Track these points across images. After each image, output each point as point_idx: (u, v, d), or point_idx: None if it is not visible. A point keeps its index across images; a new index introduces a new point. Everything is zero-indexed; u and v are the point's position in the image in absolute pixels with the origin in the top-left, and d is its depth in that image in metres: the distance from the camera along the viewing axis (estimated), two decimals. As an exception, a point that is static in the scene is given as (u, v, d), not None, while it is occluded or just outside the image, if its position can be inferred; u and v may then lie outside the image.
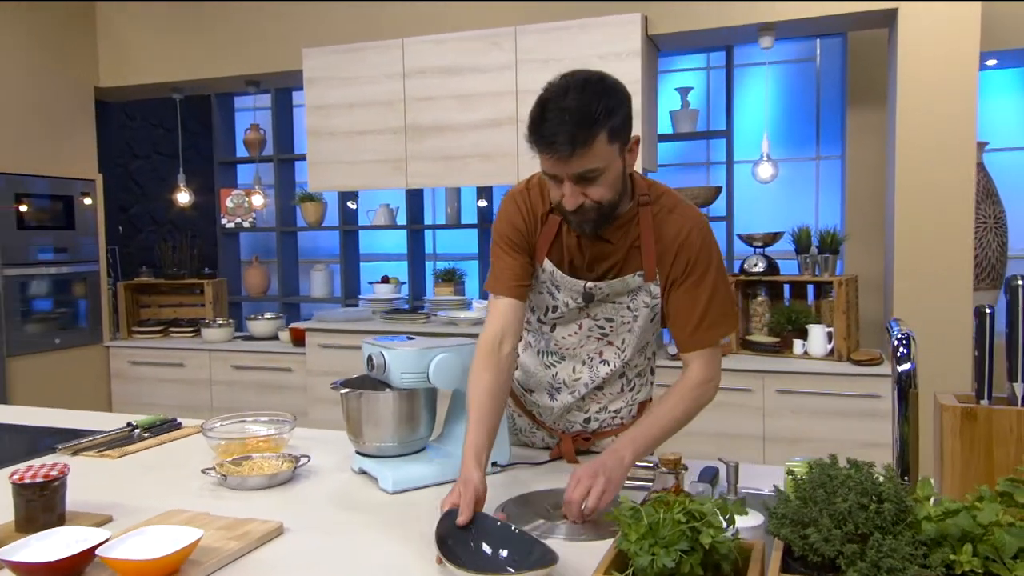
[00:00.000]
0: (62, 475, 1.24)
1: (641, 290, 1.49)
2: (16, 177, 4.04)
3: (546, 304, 1.54)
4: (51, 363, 4.22)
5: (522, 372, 1.67)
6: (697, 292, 1.46)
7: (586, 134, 1.27)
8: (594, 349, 1.57)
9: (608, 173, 1.33)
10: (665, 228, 1.47)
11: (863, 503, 0.75)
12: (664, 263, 1.47)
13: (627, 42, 3.40)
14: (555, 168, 1.33)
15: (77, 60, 4.41)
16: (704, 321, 1.46)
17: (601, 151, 1.29)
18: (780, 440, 3.26)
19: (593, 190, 1.34)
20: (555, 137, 1.27)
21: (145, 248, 5.41)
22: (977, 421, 0.88)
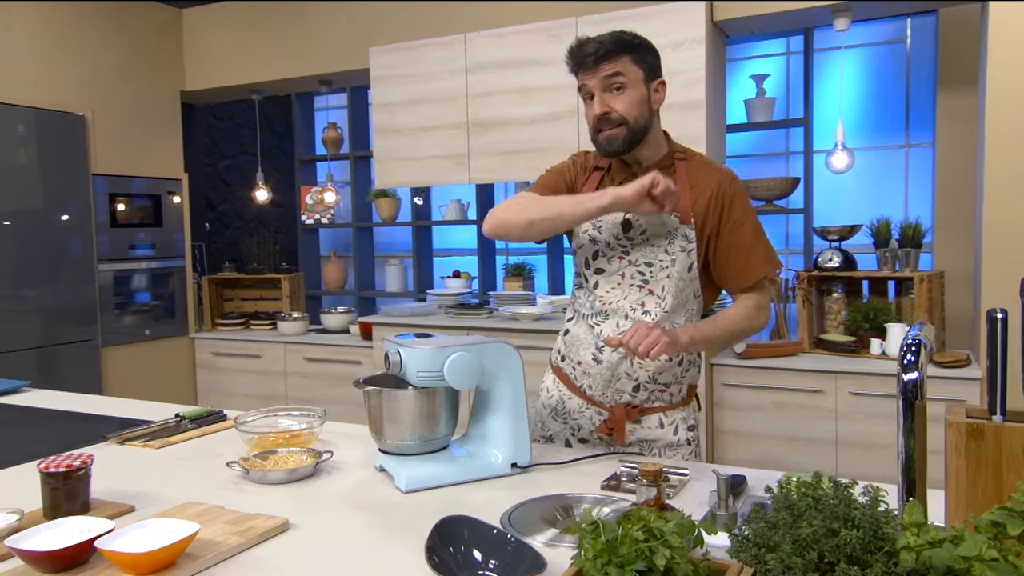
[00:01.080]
0: (85, 465, 1.29)
1: (678, 233, 1.59)
2: (111, 177, 4.29)
3: (589, 251, 1.67)
4: (141, 353, 4.47)
5: (572, 343, 1.72)
6: (741, 233, 1.60)
7: (613, 48, 1.54)
8: (636, 300, 1.63)
9: (632, 89, 1.55)
10: (700, 177, 1.62)
11: (833, 528, 0.68)
12: (700, 210, 1.60)
13: (691, 30, 3.29)
14: (587, 78, 1.57)
15: (165, 66, 4.65)
16: (752, 258, 1.60)
17: (626, 67, 1.55)
18: (854, 445, 3.08)
19: (618, 101, 1.55)
20: (587, 48, 1.55)
21: (231, 244, 5.66)
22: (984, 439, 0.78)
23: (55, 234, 4.00)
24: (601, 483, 1.42)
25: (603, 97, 1.56)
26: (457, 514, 1.14)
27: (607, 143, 1.59)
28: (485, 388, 1.53)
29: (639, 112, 1.57)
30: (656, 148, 1.64)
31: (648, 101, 1.59)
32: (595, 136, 1.61)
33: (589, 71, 1.56)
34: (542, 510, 1.29)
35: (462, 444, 1.59)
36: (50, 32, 4.00)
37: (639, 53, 1.57)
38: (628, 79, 1.55)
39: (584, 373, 1.69)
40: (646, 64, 1.58)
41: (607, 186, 1.60)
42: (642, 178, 1.47)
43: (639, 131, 1.58)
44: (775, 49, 4.55)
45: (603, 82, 1.55)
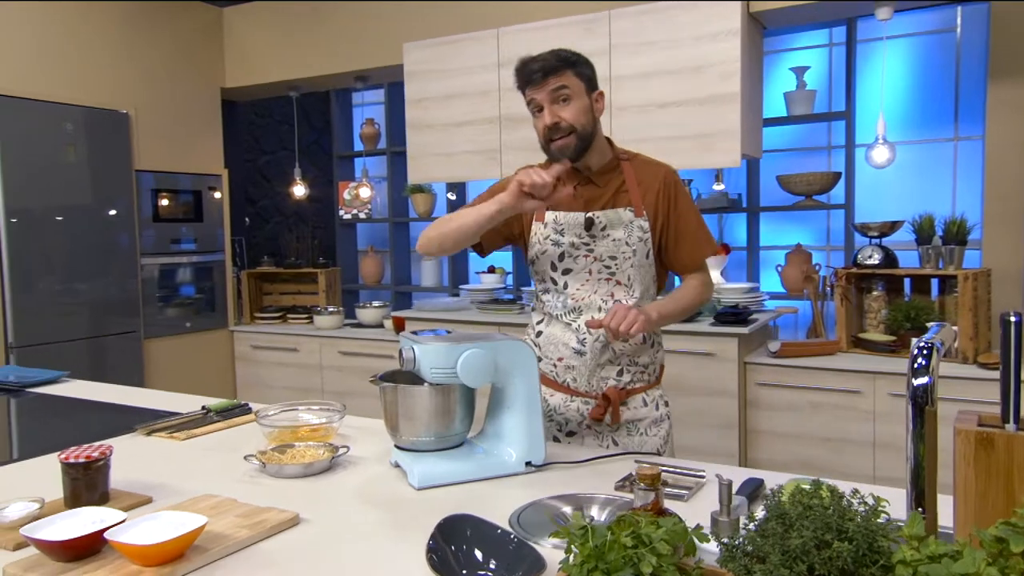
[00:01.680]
0: (104, 456, 1.32)
1: (633, 225, 1.75)
2: (155, 174, 4.40)
3: (553, 255, 1.79)
4: (182, 345, 4.57)
5: (548, 344, 1.83)
6: (687, 221, 1.80)
7: (557, 64, 1.69)
8: (606, 292, 1.78)
9: (576, 100, 1.70)
10: (645, 174, 1.80)
11: (825, 539, 0.65)
12: (650, 202, 1.77)
13: (726, 21, 3.22)
14: (535, 92, 1.71)
15: (206, 64, 4.74)
16: (698, 242, 1.81)
17: (569, 80, 1.69)
18: (893, 448, 3.00)
19: (566, 111, 1.69)
20: (533, 66, 1.69)
21: (271, 238, 5.75)
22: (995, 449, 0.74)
23: (102, 229, 4.11)
24: (615, 484, 1.41)
25: (552, 108, 1.70)
26: (460, 513, 1.13)
27: (560, 151, 1.72)
28: (500, 386, 1.52)
29: (585, 120, 1.72)
30: (602, 153, 1.79)
31: (591, 110, 1.74)
32: (547, 146, 1.75)
33: (537, 86, 1.70)
34: (552, 510, 1.27)
35: (478, 442, 1.58)
36: (97, 32, 4.11)
37: (579, 67, 1.72)
38: (572, 91, 1.70)
39: (567, 368, 1.80)
40: (586, 77, 1.74)
41: (559, 193, 1.66)
42: (513, 181, 1.60)
43: (587, 137, 1.73)
44: (817, 41, 4.44)
45: (550, 95, 1.69)
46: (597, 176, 1.78)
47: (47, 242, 3.87)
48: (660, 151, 3.45)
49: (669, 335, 3.33)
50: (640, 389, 1.82)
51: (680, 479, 1.41)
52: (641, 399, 1.82)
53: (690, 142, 3.36)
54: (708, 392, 3.27)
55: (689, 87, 3.33)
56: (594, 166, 1.78)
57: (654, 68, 3.40)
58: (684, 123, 3.36)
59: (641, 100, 3.44)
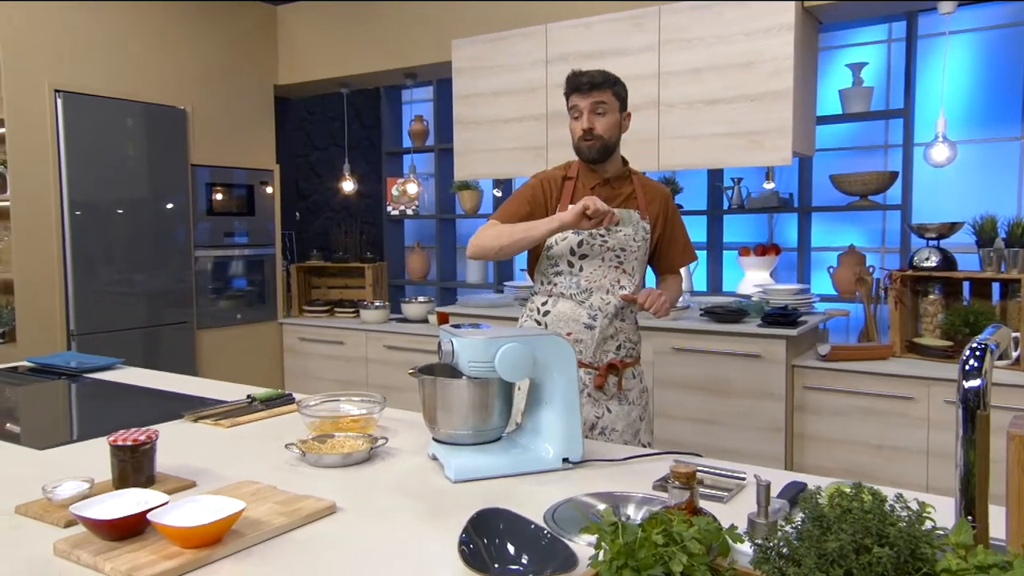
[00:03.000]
0: (150, 440, 1.36)
1: (639, 225, 2.09)
2: (209, 168, 4.51)
3: (573, 242, 2.06)
4: (233, 336, 4.68)
5: (557, 320, 2.09)
6: (677, 233, 2.21)
7: (602, 82, 2.03)
8: (613, 278, 2.08)
9: (610, 115, 2.04)
10: (650, 189, 2.16)
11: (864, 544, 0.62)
12: (653, 212, 2.13)
13: (778, 16, 3.15)
14: (579, 100, 2.04)
15: (260, 61, 4.83)
16: (685, 250, 2.24)
17: (608, 97, 2.04)
18: (948, 457, 2.89)
19: (600, 122, 2.03)
20: (583, 79, 2.03)
21: (320, 233, 5.84)
22: (1050, 457, 0.71)
23: (159, 222, 4.24)
24: (653, 483, 1.39)
25: (590, 117, 2.03)
26: (494, 507, 1.13)
27: (587, 151, 2.07)
28: (538, 381, 1.52)
29: (613, 133, 2.06)
30: (617, 164, 2.14)
31: (619, 126, 2.07)
32: (578, 144, 2.08)
33: (583, 95, 2.03)
34: (588, 507, 1.26)
35: (515, 437, 1.58)
36: (156, 30, 4.23)
37: (618, 88, 2.06)
38: (608, 107, 2.03)
39: (576, 341, 2.07)
40: (621, 98, 2.07)
41: (579, 191, 2.08)
42: (578, 204, 1.88)
43: (611, 147, 2.07)
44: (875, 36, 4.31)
45: (591, 105, 2.02)
46: (614, 181, 2.12)
47: (108, 234, 4.00)
48: (709, 148, 3.42)
49: (714, 335, 3.28)
50: (631, 363, 2.14)
51: (720, 480, 1.39)
52: (631, 372, 2.14)
53: (740, 139, 3.30)
54: (754, 395, 3.21)
55: (739, 83, 3.27)
56: (609, 172, 2.11)
57: (704, 64, 3.35)
58: (734, 120, 3.30)
59: (690, 97, 3.40)
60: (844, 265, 3.91)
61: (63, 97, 3.80)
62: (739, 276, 4.36)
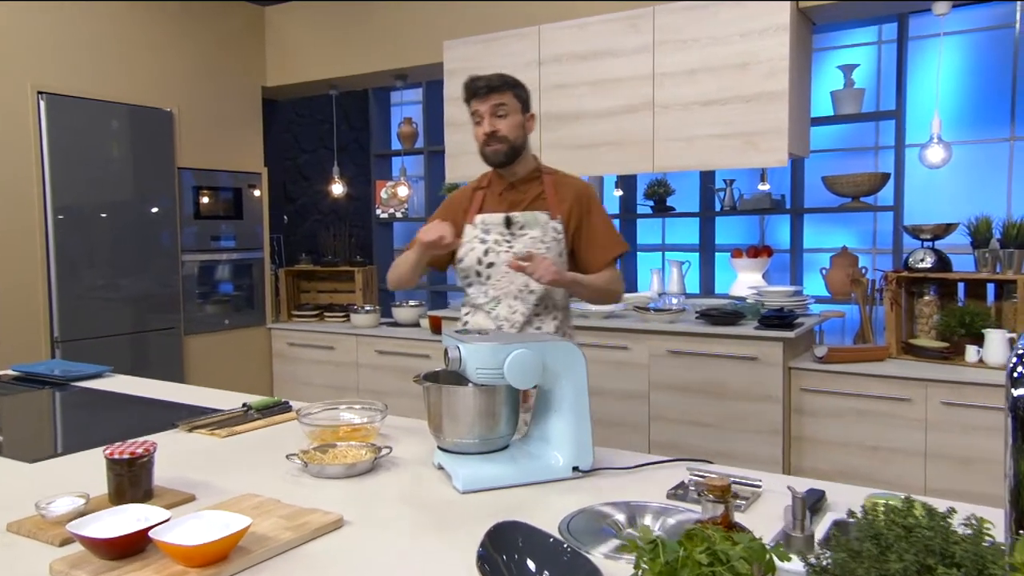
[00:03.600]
0: (148, 453, 1.31)
1: (548, 226, 2.04)
2: (196, 171, 4.44)
3: (480, 251, 2.05)
4: (221, 342, 4.60)
5: (469, 330, 2.05)
6: (596, 227, 2.08)
7: (499, 85, 2.00)
8: (521, 282, 2.03)
9: (512, 116, 2.00)
10: (563, 185, 2.10)
11: (928, 564, 0.59)
12: (566, 210, 2.06)
13: (774, 17, 3.14)
14: (480, 104, 2.00)
15: (248, 62, 4.77)
16: (607, 243, 2.08)
17: (508, 99, 2.01)
18: (946, 459, 2.89)
19: (503, 124, 1.99)
20: (480, 82, 2.00)
21: (309, 236, 5.78)
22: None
23: (145, 226, 4.16)
24: (667, 491, 1.35)
25: (491, 120, 1.99)
26: (512, 520, 1.09)
27: (493, 155, 2.03)
28: (547, 388, 1.48)
29: (517, 134, 2.02)
30: (527, 165, 2.08)
31: (523, 127, 2.04)
32: (483, 149, 2.04)
33: (481, 99, 2.00)
34: (603, 518, 1.23)
35: (523, 445, 1.54)
36: (142, 31, 4.16)
37: (518, 90, 2.03)
38: (509, 108, 2.00)
39: None
40: (522, 99, 2.04)
41: (488, 199, 2.10)
42: (416, 241, 1.92)
43: (517, 148, 2.03)
44: (866, 38, 4.32)
45: (491, 108, 1.99)
46: (520, 183, 2.08)
47: (92, 238, 3.92)
48: (704, 150, 3.40)
49: (710, 338, 3.26)
50: None
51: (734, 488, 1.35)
52: None
53: (735, 140, 3.28)
54: (751, 397, 3.19)
55: (734, 84, 3.26)
56: (519, 174, 2.08)
57: (699, 65, 3.33)
58: (729, 121, 3.28)
59: (685, 98, 3.38)
60: (837, 267, 3.91)
61: (46, 99, 3.72)
62: (731, 278, 4.34)
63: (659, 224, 4.98)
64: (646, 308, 3.57)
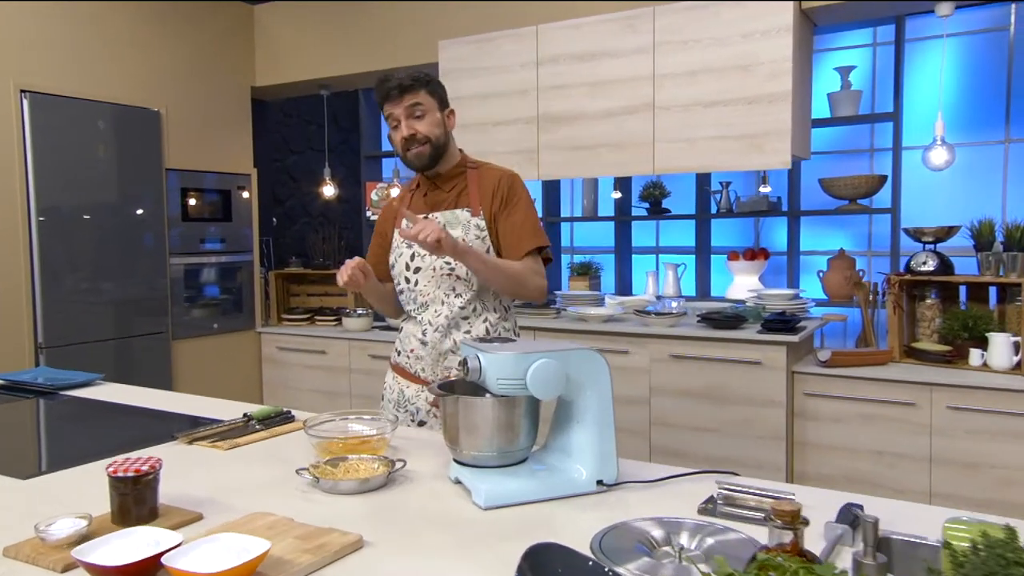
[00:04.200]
0: (154, 470, 1.24)
1: (471, 224, 1.93)
2: (184, 172, 4.34)
3: (407, 256, 1.96)
4: (210, 347, 4.51)
5: (404, 337, 2.03)
6: (514, 216, 1.94)
7: (412, 84, 1.88)
8: (447, 287, 1.94)
9: (430, 115, 1.90)
10: (485, 179, 1.98)
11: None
12: (486, 203, 1.94)
13: (777, 17, 3.11)
14: (392, 107, 1.89)
15: (237, 62, 4.68)
16: (523, 233, 1.93)
17: (423, 98, 1.89)
18: (951, 464, 2.87)
19: (420, 124, 1.88)
20: (391, 83, 1.88)
21: (298, 239, 5.69)
22: None
23: (130, 228, 4.06)
24: (698, 506, 1.30)
25: (408, 122, 1.89)
26: (547, 542, 1.04)
27: (416, 159, 1.92)
28: (569, 398, 1.42)
29: (438, 132, 1.91)
30: (450, 161, 1.98)
31: (444, 124, 1.94)
32: (404, 155, 1.93)
33: (394, 101, 1.88)
34: (636, 535, 1.17)
35: (542, 457, 1.48)
36: (129, 29, 4.06)
37: (432, 87, 1.92)
38: (426, 107, 1.89)
39: (417, 358, 1.98)
40: (438, 96, 1.93)
41: (414, 202, 2.02)
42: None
43: (440, 148, 1.92)
44: (861, 40, 4.32)
45: (407, 110, 1.88)
46: (442, 182, 1.98)
47: (77, 241, 3.82)
48: (706, 151, 3.36)
49: (712, 342, 3.22)
50: None
51: (766, 502, 1.31)
52: None
53: (737, 142, 3.25)
54: (755, 402, 3.15)
55: (736, 86, 3.22)
56: (444, 172, 1.98)
57: (700, 66, 3.29)
58: (731, 123, 3.25)
59: (685, 99, 3.34)
60: (834, 269, 3.89)
61: (29, 98, 3.62)
62: (727, 280, 4.32)
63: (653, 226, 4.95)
64: (646, 312, 3.53)
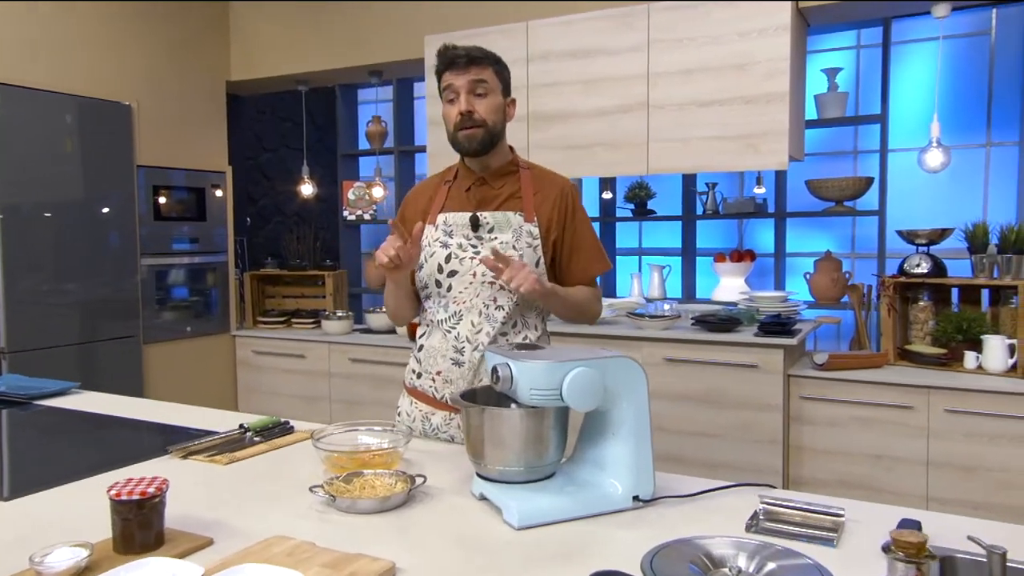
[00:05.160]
0: (160, 492, 1.13)
1: (522, 229, 1.73)
2: (155, 169, 4.16)
3: (440, 257, 1.74)
4: (182, 351, 4.34)
5: (428, 357, 1.79)
6: (582, 235, 1.79)
7: (481, 57, 1.70)
8: (488, 296, 1.73)
9: (493, 96, 1.71)
10: (544, 183, 1.79)
11: None
12: (545, 212, 1.75)
13: (774, 16, 3.07)
14: (454, 78, 1.69)
15: (211, 56, 4.52)
16: (592, 257, 1.80)
17: (490, 76, 1.70)
18: (949, 467, 2.85)
19: (481, 104, 1.69)
20: (459, 52, 1.69)
21: (272, 239, 5.53)
22: None
23: (99, 227, 3.88)
24: (745, 524, 1.23)
25: (469, 98, 1.69)
26: (609, 570, 0.96)
27: (467, 141, 1.72)
28: (603, 409, 1.34)
29: (497, 118, 1.72)
30: (502, 157, 1.79)
31: (503, 110, 1.75)
32: (455, 133, 1.73)
33: (459, 71, 1.69)
34: (687, 556, 1.10)
35: (571, 471, 1.40)
36: (100, 20, 3.88)
37: (500, 68, 1.75)
38: (490, 87, 1.71)
39: (445, 382, 1.76)
40: (504, 79, 1.76)
41: (453, 195, 1.79)
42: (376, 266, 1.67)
43: (495, 135, 1.73)
44: (845, 42, 4.32)
45: (470, 84, 1.69)
46: (492, 178, 1.78)
47: (42, 241, 3.63)
48: (701, 151, 3.31)
49: (708, 345, 3.17)
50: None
51: (814, 518, 1.24)
52: None
53: (734, 143, 3.20)
54: (751, 406, 3.11)
55: (733, 85, 3.18)
56: (492, 166, 1.78)
57: (695, 64, 3.25)
58: (727, 123, 3.20)
59: (681, 98, 3.29)
60: (821, 271, 3.88)
61: (-7, 89, 3.43)
62: (712, 282, 4.29)
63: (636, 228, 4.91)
64: (640, 314, 3.47)
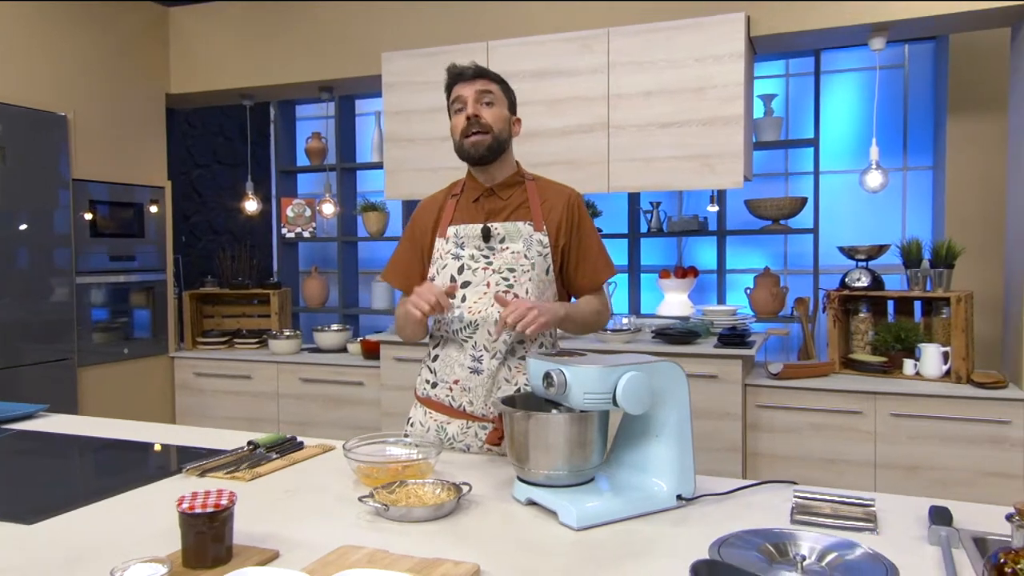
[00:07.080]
0: (231, 503, 1.10)
1: (532, 238, 1.78)
2: (91, 184, 3.97)
3: (453, 268, 1.79)
4: (119, 373, 4.12)
5: (443, 367, 1.81)
6: (590, 243, 1.85)
7: (488, 72, 1.81)
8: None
9: (500, 107, 1.79)
10: (550, 193, 1.85)
11: None
12: (553, 220, 1.80)
13: (729, 44, 3.25)
14: (463, 88, 1.77)
15: (150, 67, 4.35)
16: (599, 264, 1.86)
17: (496, 89, 1.79)
18: (895, 467, 3.05)
19: (488, 112, 1.76)
20: (467, 66, 1.78)
21: (205, 257, 5.34)
22: None
23: (30, 243, 3.65)
24: (791, 518, 1.30)
25: (475, 105, 1.76)
26: (706, 559, 1.00)
27: (473, 148, 1.77)
28: (648, 412, 1.39)
29: (503, 127, 1.79)
30: (509, 168, 1.84)
31: (509, 123, 1.82)
32: (462, 141, 1.78)
33: (467, 82, 1.77)
34: (753, 545, 1.15)
35: (613, 473, 1.44)
36: (30, 26, 3.69)
37: (506, 87, 1.84)
38: (496, 98, 1.79)
39: (463, 390, 1.78)
40: (510, 98, 1.85)
41: (462, 207, 1.84)
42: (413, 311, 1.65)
43: (500, 143, 1.78)
44: (775, 71, 4.59)
45: (477, 93, 1.76)
46: (500, 189, 1.83)
47: (-29, 257, 3.39)
48: (661, 171, 3.43)
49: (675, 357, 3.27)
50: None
51: (848, 509, 1.33)
52: None
53: (692, 162, 3.35)
54: (711, 415, 3.23)
55: (691, 108, 3.33)
56: (498, 177, 1.83)
57: (655, 87, 3.38)
58: (686, 143, 3.35)
59: (641, 119, 3.41)
60: (760, 287, 4.08)
61: (-81, 95, 3.20)
62: (656, 298, 4.44)
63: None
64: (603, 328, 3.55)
